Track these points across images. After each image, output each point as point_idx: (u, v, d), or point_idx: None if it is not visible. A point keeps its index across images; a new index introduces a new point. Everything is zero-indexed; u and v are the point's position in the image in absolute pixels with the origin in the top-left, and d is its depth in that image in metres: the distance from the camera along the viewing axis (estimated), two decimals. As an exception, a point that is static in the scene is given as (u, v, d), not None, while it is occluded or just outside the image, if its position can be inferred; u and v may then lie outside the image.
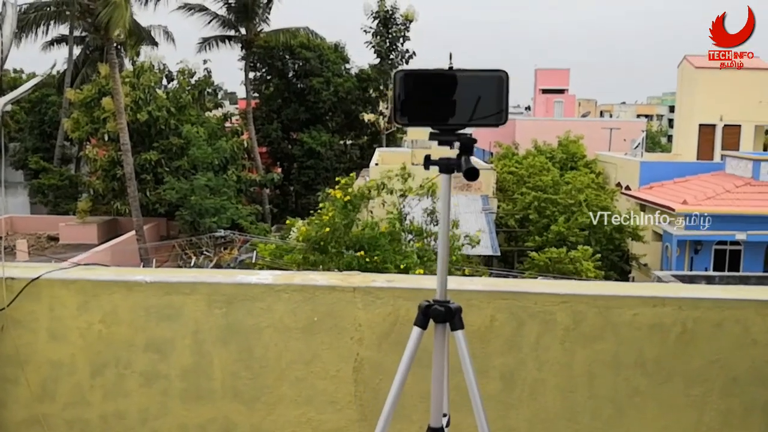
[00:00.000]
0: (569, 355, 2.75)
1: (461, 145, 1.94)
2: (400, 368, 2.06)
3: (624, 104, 77.95)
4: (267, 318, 2.78)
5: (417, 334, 2.08)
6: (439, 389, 2.14)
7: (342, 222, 11.70)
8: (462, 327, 2.05)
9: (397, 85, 1.98)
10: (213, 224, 22.71)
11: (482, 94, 1.97)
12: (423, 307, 2.09)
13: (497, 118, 1.96)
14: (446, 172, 2.01)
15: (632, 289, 2.82)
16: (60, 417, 2.88)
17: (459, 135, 1.96)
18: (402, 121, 2.01)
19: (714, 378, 2.75)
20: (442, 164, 1.98)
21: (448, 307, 2.05)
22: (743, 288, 2.89)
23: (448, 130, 1.97)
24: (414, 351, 2.05)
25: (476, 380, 2.02)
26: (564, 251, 19.20)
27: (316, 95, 32.80)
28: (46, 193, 29.30)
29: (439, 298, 2.09)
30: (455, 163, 1.95)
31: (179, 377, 2.84)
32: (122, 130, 22.59)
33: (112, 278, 2.85)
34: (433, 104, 1.98)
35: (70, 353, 2.85)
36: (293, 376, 2.82)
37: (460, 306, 2.07)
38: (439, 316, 2.06)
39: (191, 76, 28.91)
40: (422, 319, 2.08)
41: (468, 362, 2.02)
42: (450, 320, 2.06)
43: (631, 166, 26.88)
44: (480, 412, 2.05)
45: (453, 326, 2.06)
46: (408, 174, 13.59)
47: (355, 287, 2.77)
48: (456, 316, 2.05)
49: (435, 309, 2.06)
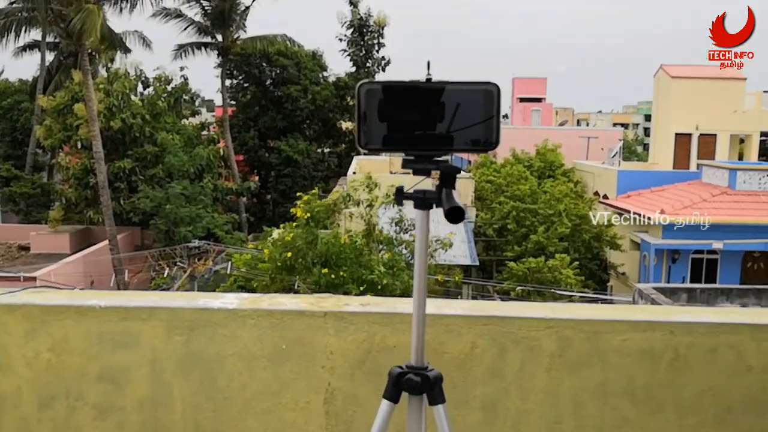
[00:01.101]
0: (555, 384, 2.59)
1: (441, 175, 1.58)
2: None
3: (600, 113, 78.62)
4: (231, 345, 2.59)
5: (386, 408, 1.71)
6: None
7: (305, 240, 11.45)
8: (443, 401, 1.70)
9: (362, 102, 1.59)
10: (188, 233, 22.37)
11: (468, 112, 1.58)
12: (394, 375, 1.71)
13: (487, 143, 1.60)
14: (422, 208, 1.64)
15: (621, 313, 2.67)
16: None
17: (438, 163, 1.60)
18: (367, 145, 1.62)
19: (707, 407, 2.60)
20: (417, 198, 1.62)
21: (425, 375, 1.69)
22: (737, 311, 2.75)
23: (425, 156, 1.61)
24: (384, 428, 1.72)
25: None
26: (542, 260, 19.15)
27: (294, 103, 32.61)
28: (17, 202, 28.78)
29: (415, 363, 1.72)
30: (434, 198, 1.59)
31: (136, 410, 2.63)
32: (95, 137, 22.22)
33: (63, 303, 2.63)
34: (407, 125, 1.60)
35: (16, 385, 2.63)
36: (259, 407, 2.62)
37: (440, 373, 1.73)
38: (414, 388, 1.69)
39: (168, 83, 28.58)
40: (393, 392, 1.71)
41: None
42: (428, 392, 1.70)
43: (609, 175, 26.98)
44: None
45: (432, 400, 1.70)
46: (374, 184, 13.38)
47: (327, 312, 2.58)
48: (436, 386, 1.69)
49: (409, 379, 1.69)
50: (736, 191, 22.51)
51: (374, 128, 1.60)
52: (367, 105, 1.59)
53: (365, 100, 1.59)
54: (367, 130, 1.60)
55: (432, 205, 1.61)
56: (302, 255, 11.35)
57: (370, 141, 1.61)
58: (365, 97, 1.59)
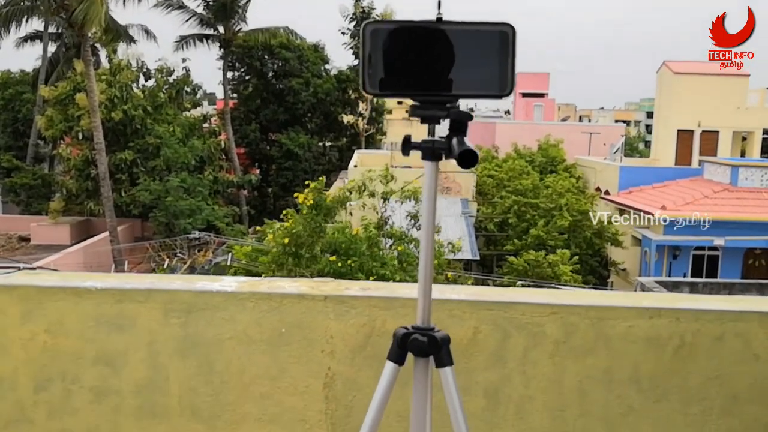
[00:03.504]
0: (559, 371, 2.55)
1: (452, 123, 1.46)
2: (372, 408, 1.64)
3: (602, 109, 78.52)
4: (229, 329, 2.55)
5: (391, 370, 1.62)
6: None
7: (308, 228, 11.37)
8: (451, 363, 1.63)
9: (367, 43, 1.47)
10: (188, 225, 22.32)
11: (481, 55, 1.47)
12: (399, 336, 1.62)
13: (500, 87, 1.47)
14: (432, 159, 1.52)
15: (627, 300, 2.62)
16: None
17: (449, 109, 1.47)
18: (373, 90, 1.49)
19: (713, 396, 2.55)
20: (425, 148, 1.51)
21: (432, 336, 1.60)
22: (745, 299, 2.70)
23: (434, 102, 1.48)
24: (388, 392, 1.63)
25: (466, 428, 1.63)
26: (542, 255, 19.11)
27: (295, 96, 32.53)
28: (18, 193, 28.74)
29: (421, 324, 1.63)
30: (443, 147, 1.46)
31: (132, 393, 2.59)
32: (96, 128, 22.15)
33: (59, 284, 2.59)
34: (415, 68, 1.47)
35: (12, 367, 2.59)
36: (258, 392, 2.58)
37: (447, 335, 1.64)
38: (420, 349, 1.60)
39: (169, 75, 28.49)
40: (398, 353, 1.63)
41: (458, 409, 1.61)
42: (435, 354, 1.62)
43: (611, 170, 26.92)
44: None
45: (439, 362, 1.62)
46: (391, 176, 13.33)
47: (327, 296, 2.54)
48: (443, 348, 1.61)
49: (415, 340, 1.60)
50: (738, 188, 22.46)
51: (379, 72, 1.49)
52: (373, 47, 1.47)
53: (370, 41, 1.48)
54: (372, 73, 1.48)
55: (441, 156, 1.50)
56: (305, 243, 11.28)
57: (375, 85, 1.50)
58: (371, 38, 1.48)
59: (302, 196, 11.97)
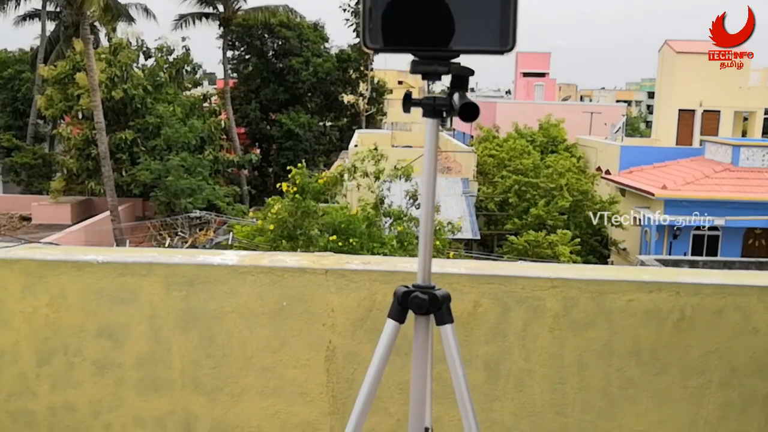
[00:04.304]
0: (558, 344, 2.56)
1: (453, 78, 1.46)
2: (372, 368, 1.64)
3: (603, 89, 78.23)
4: (231, 302, 2.56)
5: (392, 328, 1.63)
6: (420, 398, 1.71)
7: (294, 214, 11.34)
8: (451, 320, 1.63)
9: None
10: (189, 205, 22.33)
11: (482, 10, 1.45)
12: (399, 294, 1.62)
13: (502, 42, 1.44)
14: (432, 116, 1.50)
15: (627, 274, 2.62)
16: (3, 408, 2.64)
17: (450, 65, 1.46)
18: (373, 45, 1.47)
19: (713, 369, 2.57)
20: (426, 105, 1.48)
21: (433, 294, 1.60)
22: (745, 273, 2.71)
23: (435, 57, 1.46)
24: (388, 350, 1.64)
25: (467, 386, 1.63)
26: (542, 235, 19.11)
27: (295, 75, 32.39)
28: (18, 172, 28.73)
29: (421, 282, 1.63)
30: (445, 104, 1.45)
31: (134, 366, 2.61)
32: (96, 107, 22.07)
33: (60, 258, 2.60)
34: (416, 23, 1.46)
35: (14, 340, 2.60)
36: (259, 365, 2.60)
37: (448, 293, 1.65)
38: (420, 306, 1.60)
39: (169, 54, 28.34)
40: (399, 310, 1.63)
41: (458, 365, 1.62)
42: (435, 311, 1.62)
43: (612, 150, 26.86)
44: (471, 423, 1.64)
45: (439, 319, 1.63)
46: (380, 155, 13.26)
47: (328, 269, 2.55)
48: (443, 305, 1.62)
49: (416, 297, 1.60)
50: (738, 168, 22.43)
51: (379, 25, 1.47)
52: (374, 1, 1.46)
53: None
54: (372, 28, 1.47)
55: (442, 113, 1.48)
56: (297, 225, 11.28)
57: (376, 40, 1.47)
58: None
59: (285, 185, 11.96)
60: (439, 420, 2.34)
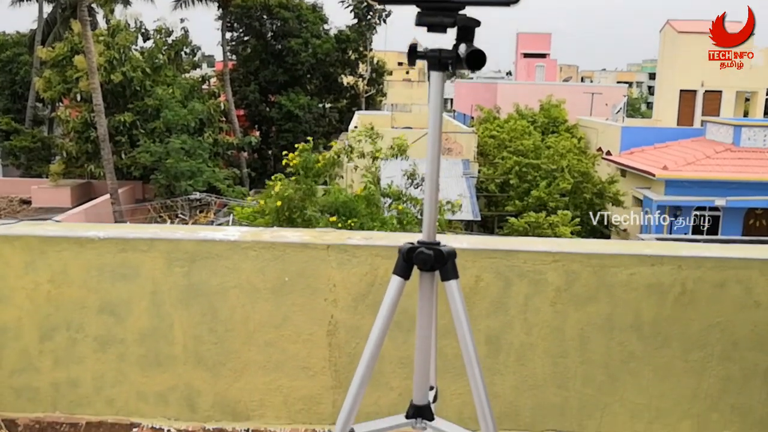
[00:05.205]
0: (560, 318, 2.56)
1: (459, 30, 1.42)
2: (377, 324, 1.61)
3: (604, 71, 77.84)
4: (233, 277, 2.56)
5: (397, 284, 1.59)
6: (425, 356, 1.68)
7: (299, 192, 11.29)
8: (456, 276, 1.59)
9: None
10: (189, 187, 22.27)
11: None
12: (405, 250, 1.59)
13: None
14: (437, 69, 1.46)
15: (629, 248, 2.63)
16: (6, 384, 2.65)
17: (456, 16, 1.42)
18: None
19: (714, 342, 2.57)
20: (432, 57, 1.44)
21: (438, 250, 1.57)
22: (747, 247, 2.70)
23: (440, 9, 1.42)
24: (394, 305, 1.61)
25: (473, 343, 1.60)
26: (543, 216, 19.09)
27: (295, 57, 32.19)
28: (18, 156, 28.62)
29: (426, 239, 1.60)
30: (450, 56, 1.41)
31: (137, 342, 2.61)
32: (95, 90, 21.97)
33: (61, 234, 2.59)
34: None
35: (16, 316, 2.61)
36: (262, 340, 2.60)
37: (453, 250, 1.62)
38: (426, 262, 1.57)
39: (168, 36, 28.16)
40: (404, 267, 1.59)
41: (463, 320, 1.58)
42: (441, 267, 1.58)
43: (613, 131, 26.76)
44: (478, 385, 1.60)
45: (444, 275, 1.59)
46: (376, 134, 13.19)
47: (329, 245, 2.54)
48: (449, 261, 1.59)
49: (421, 253, 1.57)
50: (740, 148, 22.34)
51: None
52: None
53: None
54: None
55: (448, 66, 1.44)
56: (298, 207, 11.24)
57: None
58: None
59: (292, 156, 11.91)
60: (441, 394, 2.35)
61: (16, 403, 2.66)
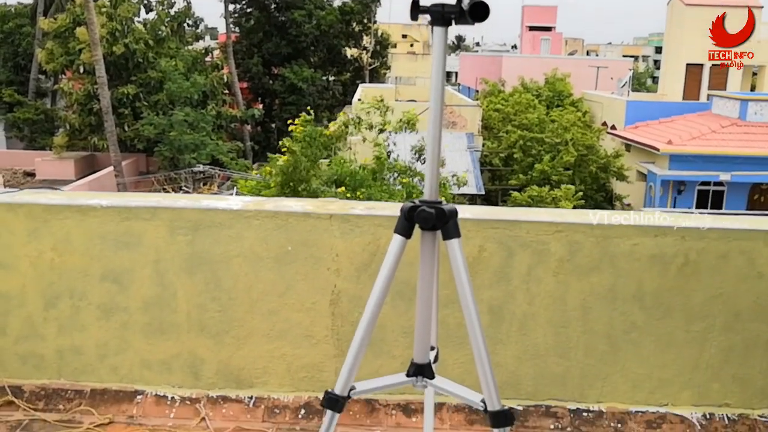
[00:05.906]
0: (562, 288, 2.57)
1: None
2: (378, 283, 1.60)
3: (610, 44, 77.17)
4: (236, 246, 2.56)
5: (398, 243, 1.59)
6: (426, 316, 1.67)
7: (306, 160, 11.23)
8: (458, 235, 1.58)
9: None
10: (192, 160, 22.26)
11: None
12: (406, 209, 1.58)
13: None
14: (441, 24, 1.46)
15: (632, 218, 2.61)
16: (11, 351, 2.67)
17: None
18: None
19: (716, 313, 2.58)
20: (435, 12, 1.44)
21: (440, 209, 1.56)
22: (751, 218, 2.69)
23: None
24: (395, 264, 1.60)
25: (474, 304, 1.58)
26: (546, 190, 19.05)
27: (298, 29, 31.94)
28: (21, 128, 28.60)
29: (428, 197, 1.59)
30: (453, 10, 1.41)
31: (140, 310, 2.63)
32: (98, 62, 21.85)
33: (64, 202, 2.60)
34: None
35: (20, 284, 2.62)
36: (265, 308, 2.61)
37: (455, 208, 1.61)
38: (427, 221, 1.56)
39: (170, 7, 27.95)
40: (405, 225, 1.58)
41: (464, 279, 1.57)
42: (442, 226, 1.58)
43: (618, 105, 26.57)
44: (479, 343, 1.58)
45: (446, 234, 1.58)
46: (386, 107, 13.11)
47: (332, 214, 2.54)
48: (450, 220, 1.58)
49: (422, 211, 1.55)
50: (746, 122, 22.17)
51: None
52: None
53: None
54: None
55: (451, 21, 1.44)
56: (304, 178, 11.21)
57: None
58: None
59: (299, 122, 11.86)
60: (443, 363, 2.36)
61: (22, 370, 2.68)
